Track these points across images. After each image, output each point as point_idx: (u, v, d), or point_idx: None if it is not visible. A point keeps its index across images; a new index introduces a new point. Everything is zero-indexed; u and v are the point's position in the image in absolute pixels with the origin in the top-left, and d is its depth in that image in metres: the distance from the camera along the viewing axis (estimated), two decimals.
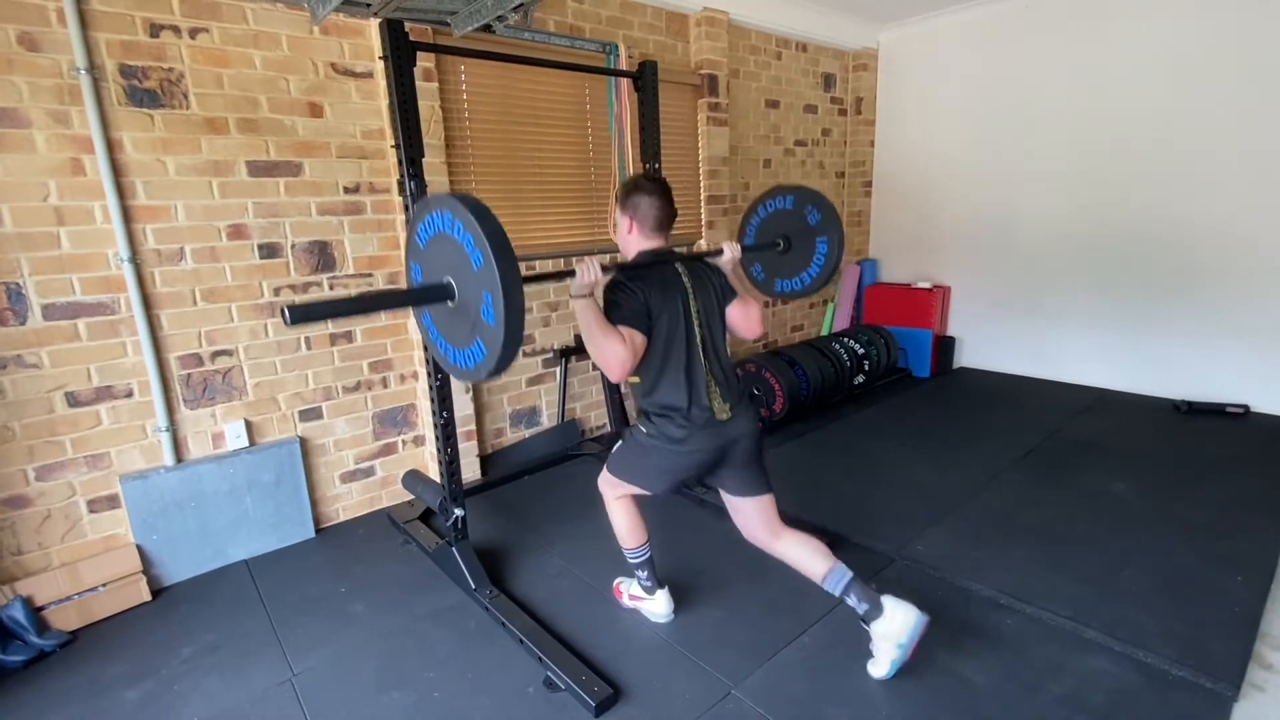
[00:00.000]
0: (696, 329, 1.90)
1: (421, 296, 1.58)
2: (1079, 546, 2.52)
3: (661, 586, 2.18)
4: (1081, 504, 2.85)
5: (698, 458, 1.90)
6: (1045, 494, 2.96)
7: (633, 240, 1.97)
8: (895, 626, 1.81)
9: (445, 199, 1.47)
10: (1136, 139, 4.01)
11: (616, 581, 2.34)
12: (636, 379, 1.89)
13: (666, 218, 1.95)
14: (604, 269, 1.78)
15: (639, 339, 1.78)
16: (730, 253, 2.06)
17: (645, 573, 2.16)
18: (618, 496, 2.10)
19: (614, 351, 1.73)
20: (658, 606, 2.17)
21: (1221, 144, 3.73)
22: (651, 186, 1.94)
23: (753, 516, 2.02)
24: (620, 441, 2.06)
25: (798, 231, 2.46)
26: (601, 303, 1.81)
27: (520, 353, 3.45)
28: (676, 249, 2.05)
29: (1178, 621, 2.06)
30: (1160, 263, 4.05)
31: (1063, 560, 2.43)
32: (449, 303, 1.54)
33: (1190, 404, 3.94)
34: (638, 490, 2.04)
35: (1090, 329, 4.42)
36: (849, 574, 1.89)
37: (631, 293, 1.81)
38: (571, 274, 1.75)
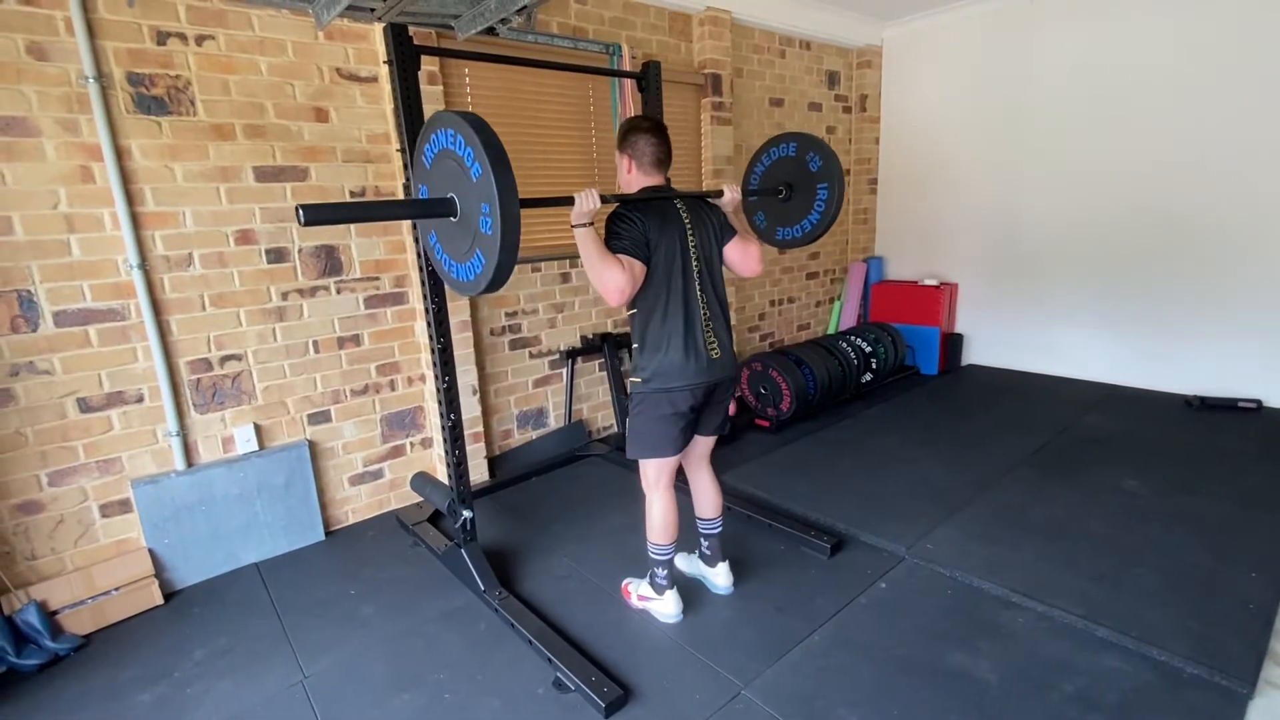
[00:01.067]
0: (694, 262, 1.98)
1: (427, 208, 1.67)
2: (1090, 544, 2.50)
3: (672, 587, 2.19)
4: (1092, 501, 2.83)
5: (690, 394, 1.97)
6: (1055, 491, 2.94)
7: (632, 179, 2.05)
8: (719, 582, 2.28)
9: (449, 116, 1.55)
10: (1145, 133, 3.98)
11: (625, 582, 2.34)
12: (633, 310, 1.97)
13: (664, 154, 2.03)
14: (603, 199, 1.85)
15: (638, 267, 1.86)
16: (730, 194, 2.13)
17: (664, 571, 2.17)
18: (655, 487, 2.13)
19: (613, 277, 1.80)
20: (666, 607, 2.18)
21: (1232, 137, 3.70)
22: (648, 125, 2.03)
23: (700, 447, 2.22)
24: (629, 421, 2.10)
25: (800, 179, 2.47)
26: (602, 233, 1.88)
27: (527, 353, 3.46)
28: (674, 188, 2.10)
29: (1191, 619, 2.04)
30: (1170, 257, 4.02)
31: (1074, 558, 2.41)
32: (452, 218, 1.63)
33: (1202, 399, 3.90)
34: (656, 463, 2.07)
35: (1099, 324, 4.39)
36: (716, 529, 2.24)
37: (631, 222, 1.89)
38: (571, 201, 1.82)
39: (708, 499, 2.27)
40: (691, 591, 2.29)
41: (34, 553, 2.32)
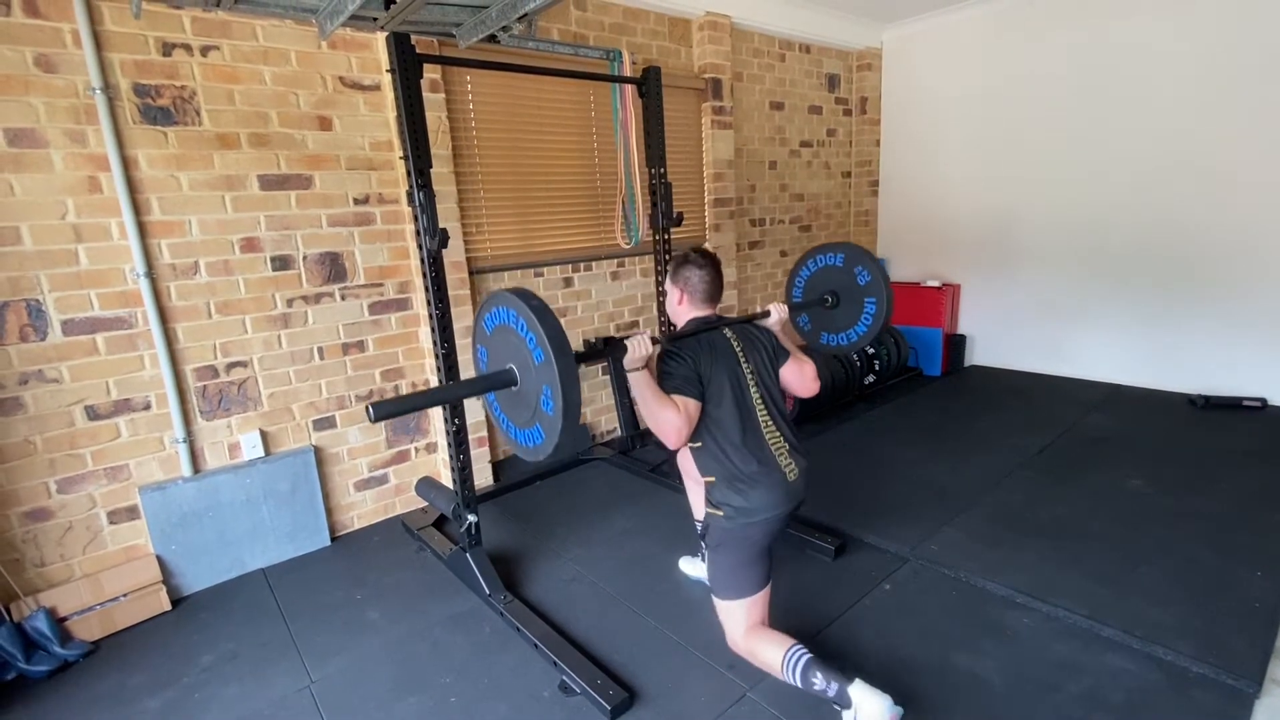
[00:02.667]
0: (753, 389, 1.91)
1: (489, 384, 1.70)
2: (1095, 543, 2.50)
3: (851, 682, 1.67)
4: (1097, 500, 2.83)
5: (770, 524, 1.86)
6: (1060, 491, 2.94)
7: (683, 310, 2.04)
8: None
9: (510, 298, 1.58)
10: (1147, 132, 3.98)
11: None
12: (698, 444, 1.86)
13: (716, 289, 2.02)
14: (654, 341, 1.82)
15: (692, 405, 1.80)
16: (777, 314, 2.12)
17: (820, 675, 1.69)
18: (750, 637, 1.86)
19: (668, 419, 1.75)
20: (873, 708, 1.62)
21: (1235, 138, 3.70)
22: (702, 261, 2.01)
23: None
24: (709, 560, 1.95)
25: (846, 288, 2.53)
26: (655, 374, 1.84)
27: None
28: (723, 316, 2.07)
29: (1197, 618, 2.04)
30: (1173, 257, 4.02)
31: (1079, 557, 2.41)
32: (513, 388, 1.67)
33: (1206, 398, 3.89)
34: (746, 603, 1.87)
35: (1103, 324, 4.38)
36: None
37: (681, 360, 1.85)
38: (624, 350, 1.78)
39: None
40: (695, 594, 2.29)
41: (43, 559, 2.33)
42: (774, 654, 1.78)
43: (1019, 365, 4.88)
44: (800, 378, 2.04)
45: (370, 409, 1.47)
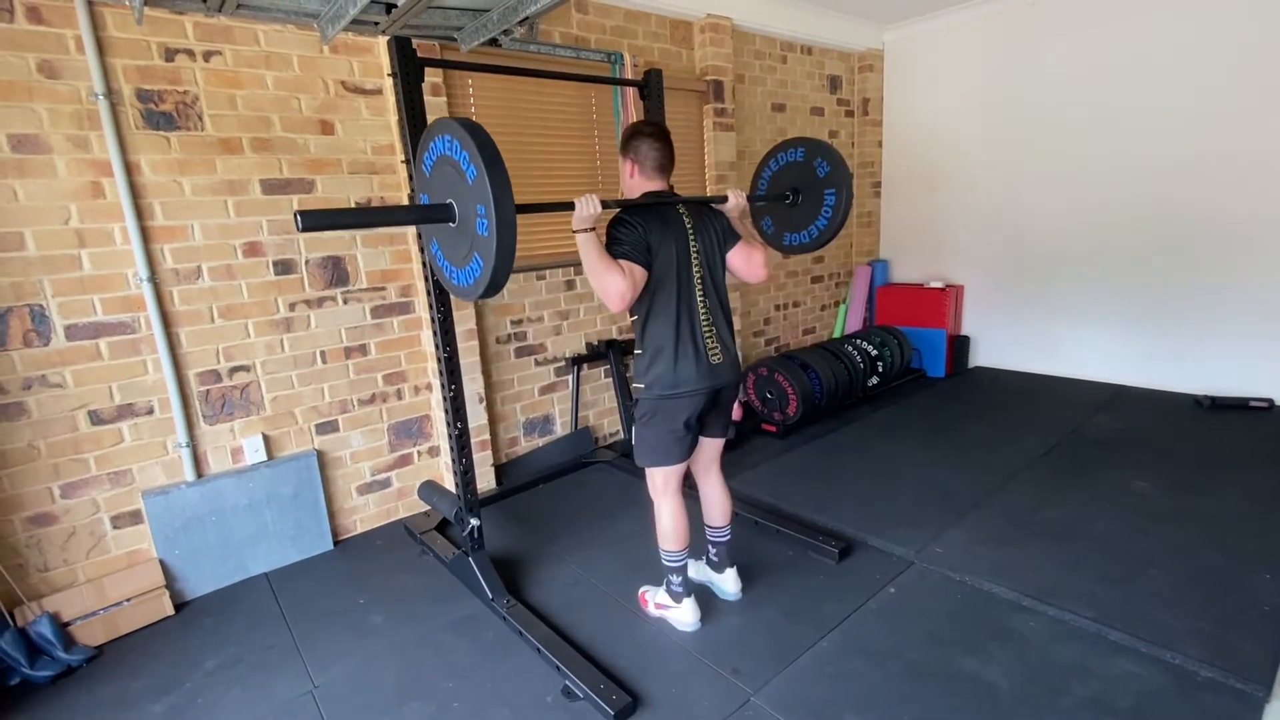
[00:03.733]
0: (695, 267, 1.97)
1: (425, 214, 1.69)
2: (1101, 546, 2.48)
3: (689, 595, 2.18)
4: (1102, 502, 2.81)
5: (694, 401, 1.97)
6: (1065, 493, 2.92)
7: (635, 183, 2.05)
8: (727, 588, 2.27)
9: (447, 122, 1.57)
10: (1151, 132, 3.97)
11: (642, 590, 2.34)
12: (635, 317, 1.97)
13: (666, 159, 2.03)
14: (604, 204, 1.85)
15: (639, 272, 1.85)
16: (735, 199, 2.10)
17: (679, 578, 2.16)
18: (663, 494, 2.12)
19: (614, 282, 1.79)
20: (684, 615, 2.16)
21: (1239, 135, 3.68)
22: (650, 129, 2.03)
23: (707, 452, 2.21)
24: (635, 431, 2.10)
25: (807, 184, 2.46)
26: (604, 238, 1.88)
27: (533, 360, 3.47)
28: (678, 193, 2.10)
29: (1205, 621, 2.02)
30: (1178, 256, 4.00)
31: (1085, 560, 2.39)
32: (450, 224, 1.65)
33: (1212, 399, 3.87)
34: (665, 470, 2.07)
35: (1107, 325, 4.36)
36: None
37: (632, 227, 1.88)
38: (571, 207, 1.81)
39: (717, 506, 2.26)
40: (700, 598, 2.28)
41: (46, 564, 2.33)
42: (669, 537, 2.10)
43: (1023, 366, 4.86)
44: (747, 263, 2.07)
45: (297, 215, 1.42)
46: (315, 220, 1.47)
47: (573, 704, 1.88)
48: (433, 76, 2.87)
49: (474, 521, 2.46)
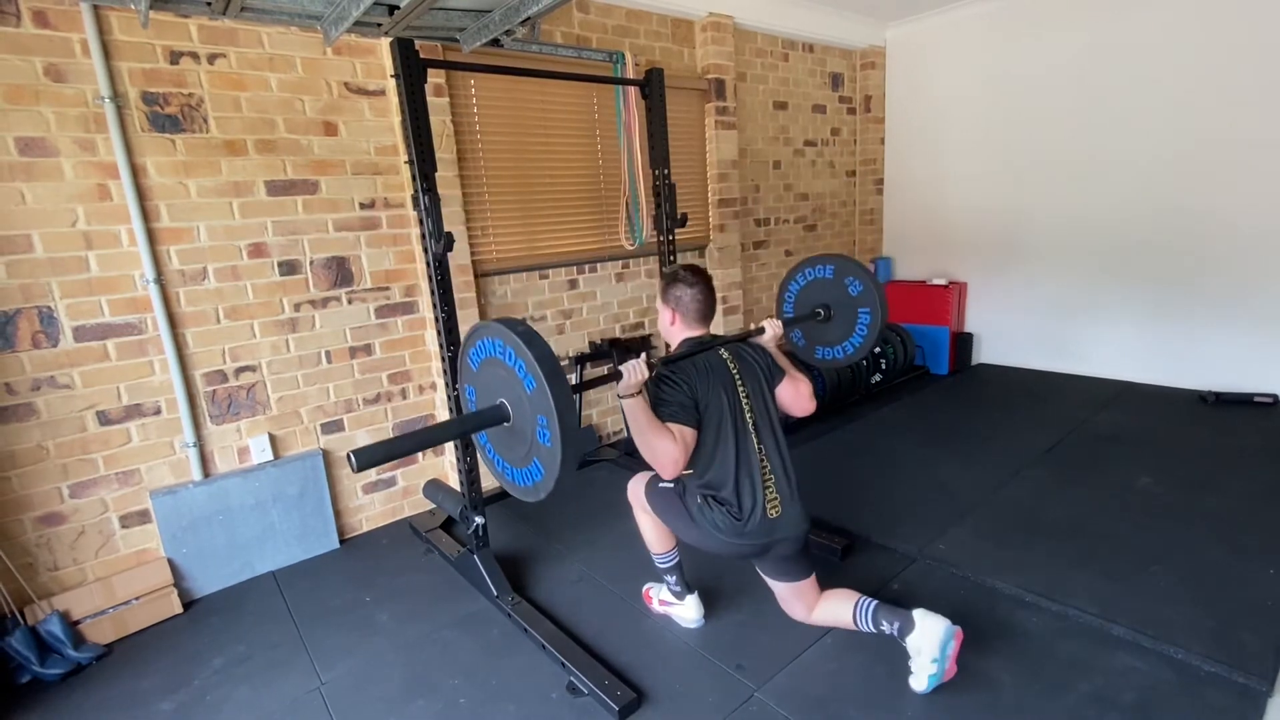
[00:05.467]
0: (747, 415, 1.88)
1: (480, 422, 1.59)
2: (1105, 542, 2.48)
3: (691, 591, 2.18)
4: (1106, 499, 2.81)
5: (741, 550, 1.88)
6: (1069, 490, 2.92)
7: (676, 330, 1.99)
8: (927, 639, 1.76)
9: (495, 327, 1.51)
10: (1155, 127, 3.96)
11: (646, 587, 2.35)
12: (689, 471, 1.85)
13: (708, 308, 1.97)
14: (649, 366, 1.76)
15: (689, 434, 1.77)
16: (772, 330, 2.06)
17: (674, 578, 2.16)
18: (642, 509, 2.11)
19: (664, 449, 1.71)
20: (688, 612, 2.17)
21: (1244, 130, 3.67)
22: (693, 279, 1.95)
23: (789, 597, 2.03)
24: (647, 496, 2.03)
25: (838, 300, 2.50)
26: (649, 398, 1.79)
27: None
28: (718, 336, 2.02)
29: (1208, 617, 2.02)
30: (1182, 252, 3.99)
31: (1088, 556, 2.39)
32: (506, 424, 1.56)
33: (1217, 394, 3.86)
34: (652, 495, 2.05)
35: (1111, 321, 4.35)
36: (871, 602, 1.89)
37: (676, 385, 1.81)
38: (619, 376, 1.72)
39: (839, 611, 2.02)
40: (704, 594, 2.29)
41: (56, 564, 2.36)
42: (657, 542, 2.09)
43: (1027, 363, 4.85)
44: (796, 397, 2.00)
45: (352, 457, 1.36)
46: (370, 457, 1.39)
47: (577, 700, 1.89)
48: (435, 77, 2.88)
49: (479, 519, 2.48)
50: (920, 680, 1.78)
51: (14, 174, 2.16)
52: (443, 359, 2.42)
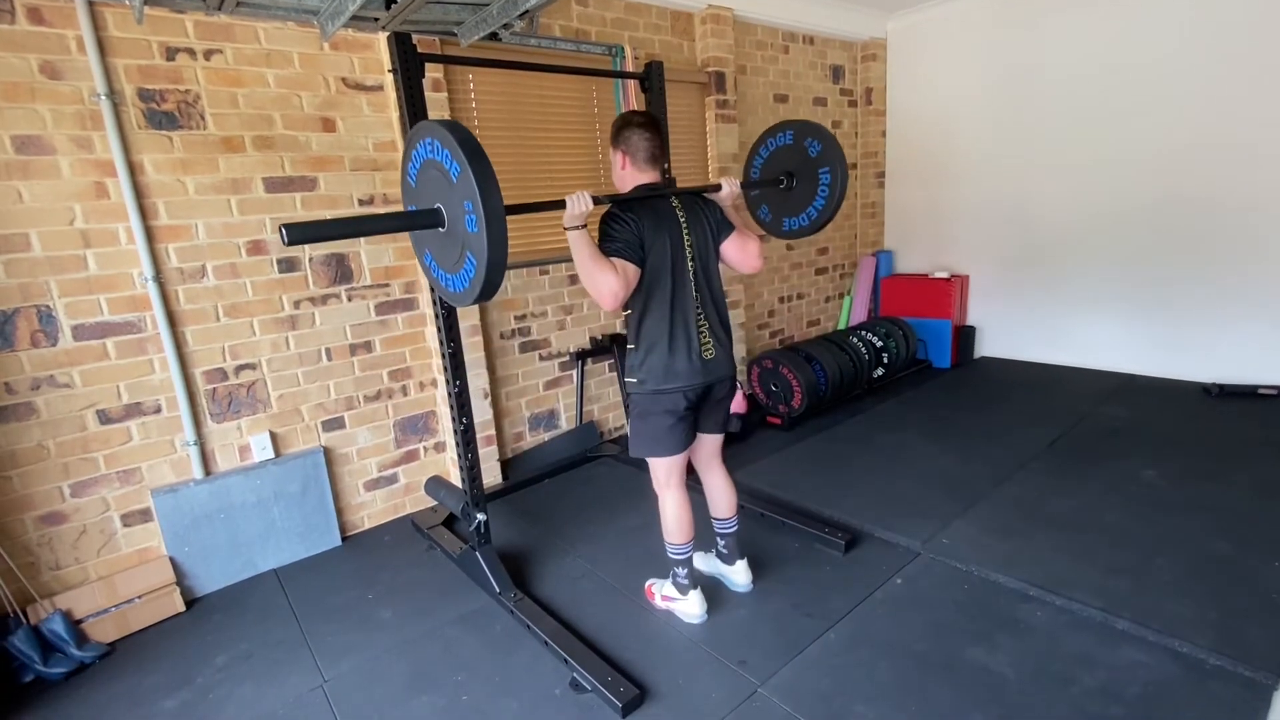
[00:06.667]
0: (689, 261, 1.95)
1: (413, 219, 1.67)
2: (1108, 535, 2.47)
3: (695, 587, 2.18)
4: (1110, 492, 2.80)
5: (684, 397, 1.97)
6: (1072, 483, 2.91)
7: (627, 175, 2.03)
8: (738, 580, 2.26)
9: (427, 125, 1.57)
10: (1158, 117, 3.93)
11: (649, 583, 2.35)
12: (628, 311, 1.95)
13: (658, 149, 2.01)
14: (596, 200, 1.82)
15: (631, 269, 1.83)
16: (728, 187, 2.09)
17: (684, 570, 2.17)
18: (665, 486, 2.12)
19: (606, 281, 1.78)
20: (691, 607, 2.17)
21: (1248, 120, 3.64)
22: (641, 119, 2.00)
23: (706, 447, 2.21)
24: (629, 422, 2.12)
25: (801, 166, 2.43)
26: (596, 234, 1.86)
27: (537, 355, 3.47)
28: (672, 185, 2.11)
29: (1213, 610, 2.02)
30: (1185, 242, 3.97)
31: (1092, 550, 2.38)
32: (440, 229, 1.62)
33: (1221, 386, 3.85)
34: (665, 462, 2.06)
35: (1114, 313, 4.34)
36: (732, 528, 2.23)
37: (624, 223, 1.86)
38: (563, 205, 1.79)
39: (722, 498, 2.27)
40: (708, 590, 2.29)
41: (58, 563, 2.36)
42: (674, 532, 2.11)
43: (1029, 356, 4.84)
44: (742, 253, 2.06)
45: (283, 229, 1.42)
46: (301, 234, 1.45)
47: (581, 696, 1.89)
48: (433, 72, 2.87)
49: (481, 516, 2.47)
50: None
51: (11, 172, 2.15)
52: (443, 355, 2.41)
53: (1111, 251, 4.26)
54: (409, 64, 2.18)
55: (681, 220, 1.96)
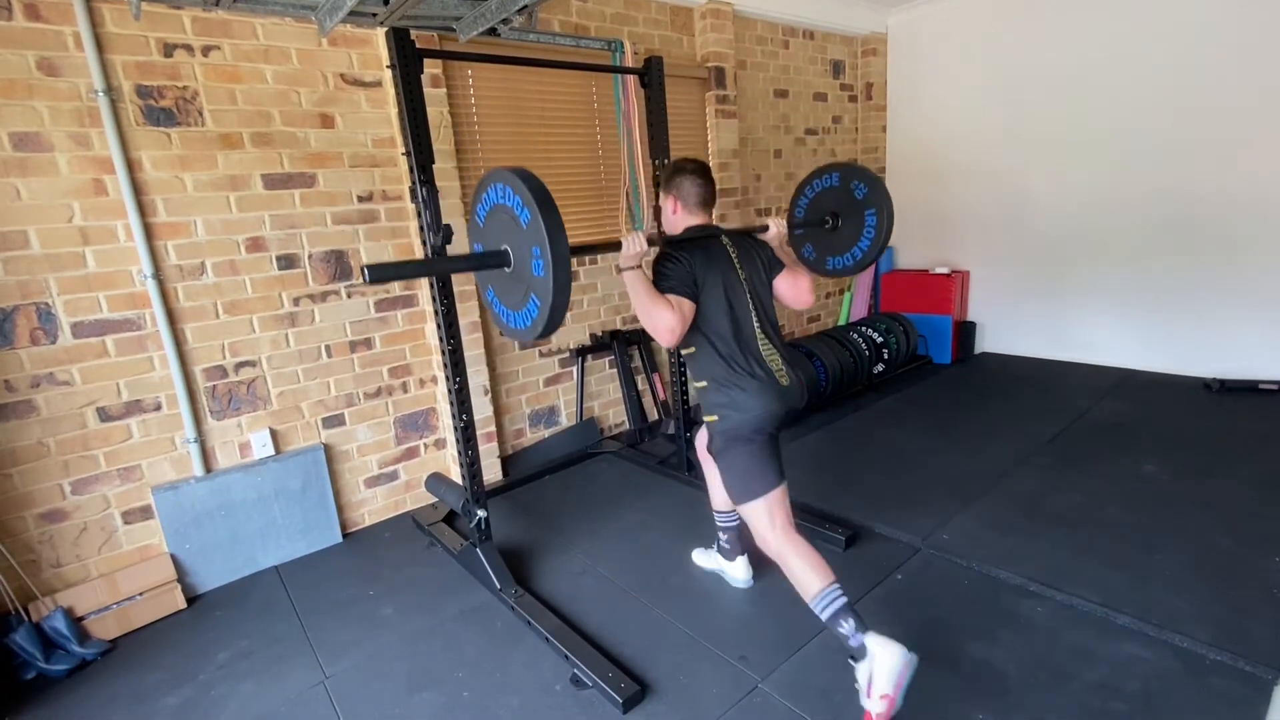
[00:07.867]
0: (747, 296, 1.95)
1: (483, 260, 1.79)
2: (1109, 531, 2.47)
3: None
4: (1111, 487, 2.80)
5: (765, 422, 1.87)
6: (1073, 478, 2.91)
7: (678, 219, 2.06)
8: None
9: (500, 172, 1.68)
10: (1158, 112, 3.91)
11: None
12: (690, 349, 1.93)
13: (709, 195, 2.04)
14: (650, 241, 1.86)
15: (687, 306, 1.83)
16: (775, 228, 2.12)
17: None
18: (777, 536, 1.86)
19: (663, 317, 1.78)
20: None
21: (1248, 115, 3.63)
22: (692, 166, 2.05)
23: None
24: (719, 469, 1.98)
25: (846, 207, 2.49)
26: (650, 275, 1.88)
27: (537, 352, 3.47)
28: (720, 226, 2.11)
29: (1214, 605, 2.02)
30: (1186, 239, 3.96)
31: (1093, 545, 2.38)
32: (506, 269, 1.73)
33: (1222, 382, 3.84)
34: (766, 501, 1.87)
35: (1115, 308, 4.33)
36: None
37: (676, 260, 1.88)
38: (618, 246, 1.84)
39: (724, 492, 2.25)
40: (707, 586, 2.29)
41: (59, 560, 2.36)
42: (810, 579, 1.77)
43: (1030, 351, 4.83)
44: (794, 289, 2.06)
45: (365, 270, 1.55)
46: (381, 274, 1.61)
47: (581, 692, 1.89)
48: (432, 68, 2.86)
49: (481, 513, 2.47)
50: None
51: (8, 169, 2.14)
52: (443, 352, 2.40)
53: (1113, 246, 4.25)
54: (407, 60, 2.17)
55: (733, 257, 1.97)
